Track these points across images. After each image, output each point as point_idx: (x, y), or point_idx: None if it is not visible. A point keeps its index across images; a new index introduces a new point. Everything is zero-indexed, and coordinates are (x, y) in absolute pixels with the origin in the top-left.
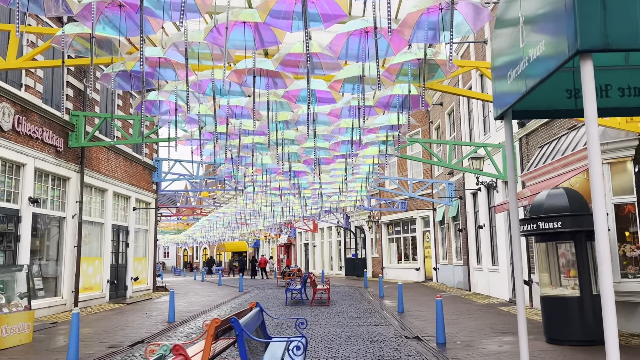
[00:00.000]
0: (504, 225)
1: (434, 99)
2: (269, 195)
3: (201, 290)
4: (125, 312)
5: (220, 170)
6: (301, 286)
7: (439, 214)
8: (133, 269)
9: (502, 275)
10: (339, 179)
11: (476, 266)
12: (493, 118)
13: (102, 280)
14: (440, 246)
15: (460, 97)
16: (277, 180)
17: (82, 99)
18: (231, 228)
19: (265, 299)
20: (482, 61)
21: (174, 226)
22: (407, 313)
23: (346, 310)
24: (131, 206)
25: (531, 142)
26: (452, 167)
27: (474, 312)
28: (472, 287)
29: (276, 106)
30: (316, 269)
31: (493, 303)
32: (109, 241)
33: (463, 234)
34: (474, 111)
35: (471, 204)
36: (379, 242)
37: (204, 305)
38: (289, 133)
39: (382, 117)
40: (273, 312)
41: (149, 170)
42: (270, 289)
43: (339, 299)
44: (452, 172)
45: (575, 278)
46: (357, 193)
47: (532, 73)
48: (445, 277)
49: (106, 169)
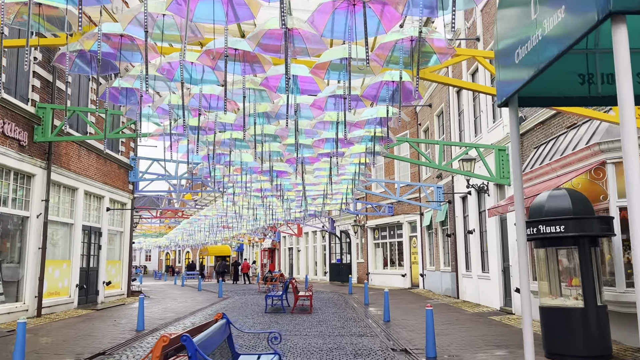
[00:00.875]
0: (495, 230)
1: (422, 100)
2: (250, 198)
3: (179, 296)
4: (93, 319)
5: (198, 170)
6: (282, 293)
7: (427, 218)
8: (106, 272)
9: (492, 283)
10: (323, 179)
11: (465, 273)
12: (497, 106)
13: (71, 285)
14: (428, 252)
15: (451, 97)
16: (259, 181)
17: (50, 90)
18: (213, 231)
19: (244, 305)
20: (478, 50)
21: (156, 229)
22: (393, 322)
23: (329, 318)
24: (105, 206)
25: (526, 143)
26: (443, 168)
27: (464, 321)
28: (461, 294)
29: (254, 96)
30: (300, 274)
31: (483, 312)
32: (79, 243)
33: (452, 239)
34: (465, 112)
35: (460, 208)
36: (364, 247)
37: (178, 312)
38: (270, 128)
39: (370, 110)
40: (250, 321)
41: (124, 169)
42: (252, 295)
43: (322, 306)
44: (440, 176)
45: (578, 287)
46: (343, 196)
47: (546, 48)
48: (432, 283)
49: (77, 166)
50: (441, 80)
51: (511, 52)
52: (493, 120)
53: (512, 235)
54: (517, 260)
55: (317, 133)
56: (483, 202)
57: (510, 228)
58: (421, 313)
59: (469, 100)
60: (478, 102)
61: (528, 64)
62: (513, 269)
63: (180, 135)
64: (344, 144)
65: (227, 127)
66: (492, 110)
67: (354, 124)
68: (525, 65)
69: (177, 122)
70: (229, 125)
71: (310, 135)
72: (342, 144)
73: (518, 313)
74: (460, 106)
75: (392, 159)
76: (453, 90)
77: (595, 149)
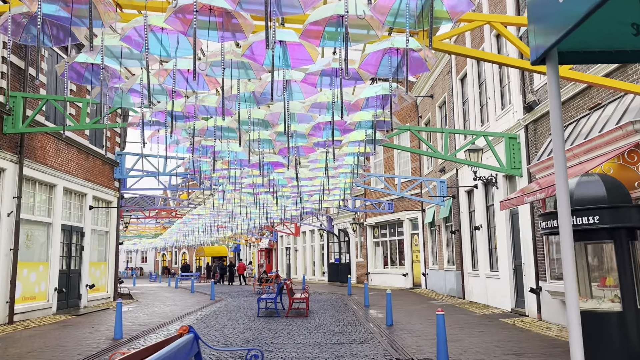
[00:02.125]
0: (505, 226)
1: (423, 90)
2: (241, 194)
3: (170, 299)
4: (70, 325)
5: (185, 164)
6: (275, 295)
7: (429, 215)
8: (89, 275)
9: (502, 282)
10: (319, 173)
11: (471, 272)
12: (531, 64)
13: (49, 289)
14: (430, 250)
15: (454, 85)
16: (250, 176)
17: (22, 78)
18: (209, 231)
19: (236, 308)
20: (498, 14)
21: (150, 230)
22: (397, 326)
23: (327, 322)
24: (87, 205)
25: (540, 129)
26: (448, 158)
27: (474, 325)
28: (467, 294)
29: (238, 72)
30: (298, 275)
31: (493, 314)
32: (57, 244)
33: (456, 236)
34: (470, 101)
35: (466, 203)
36: (363, 246)
37: (165, 317)
38: (259, 112)
39: (370, 88)
40: (241, 326)
41: (109, 166)
42: (246, 297)
43: (319, 308)
44: (444, 169)
45: (613, 288)
46: (341, 191)
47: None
48: (435, 283)
49: (55, 161)
50: (457, 51)
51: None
52: (502, 107)
53: (525, 230)
54: (530, 257)
55: (311, 117)
56: (491, 196)
57: (523, 223)
58: (426, 315)
59: (474, 87)
60: (484, 89)
61: (569, 10)
62: (526, 268)
63: (160, 125)
64: (342, 130)
65: (210, 111)
66: (501, 96)
67: (353, 103)
68: (566, 12)
69: (154, 107)
70: (213, 110)
71: (304, 120)
72: (340, 129)
73: (532, 315)
74: (464, 95)
75: (391, 154)
76: (456, 77)
77: (629, 129)
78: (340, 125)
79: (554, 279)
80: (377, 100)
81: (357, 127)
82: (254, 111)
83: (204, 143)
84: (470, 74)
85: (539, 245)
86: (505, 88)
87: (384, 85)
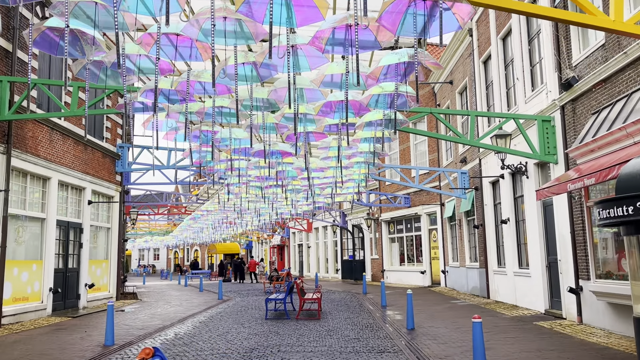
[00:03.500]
0: (537, 219)
1: (441, 76)
2: (248, 187)
3: (176, 298)
4: (62, 329)
5: (187, 154)
6: (285, 295)
7: (449, 209)
8: (89, 274)
9: (534, 281)
10: (332, 163)
11: (497, 269)
12: None
13: (43, 289)
14: (450, 246)
15: (476, 68)
16: (257, 167)
17: (10, 62)
18: (220, 228)
19: (244, 309)
20: None
21: (161, 227)
22: (419, 330)
23: (340, 326)
24: (86, 199)
25: (580, 109)
26: (475, 144)
27: (506, 329)
28: (492, 293)
29: (235, 35)
30: (311, 272)
31: (524, 315)
32: (52, 241)
33: (480, 231)
34: (494, 84)
35: (490, 195)
36: (378, 242)
37: (166, 319)
38: (261, 91)
39: (389, 56)
40: (246, 330)
41: (110, 158)
42: (255, 296)
43: (332, 309)
44: (465, 160)
45: None
46: (355, 183)
47: None
48: (456, 281)
49: (48, 152)
50: (499, 4)
51: None
52: (532, 88)
53: (561, 223)
54: (568, 253)
55: (321, 94)
56: (519, 187)
57: (559, 215)
58: (450, 317)
59: (500, 69)
60: (511, 70)
61: None
62: (562, 265)
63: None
64: (357, 111)
65: (208, 89)
66: (531, 77)
67: (369, 74)
68: None
69: (144, 86)
70: (209, 86)
71: (313, 98)
72: (354, 111)
73: (570, 318)
74: (488, 78)
75: (407, 145)
76: (479, 60)
77: None
78: (355, 107)
79: (601, 278)
80: (399, 70)
81: (373, 103)
82: (256, 90)
83: (205, 128)
84: (495, 55)
85: (579, 239)
86: (536, 67)
87: (408, 52)
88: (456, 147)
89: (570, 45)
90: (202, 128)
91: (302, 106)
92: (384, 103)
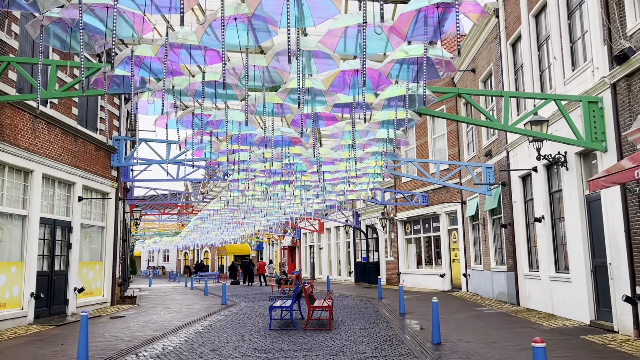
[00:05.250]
0: (580, 216)
1: (462, 64)
2: (255, 184)
3: (177, 303)
4: (39, 340)
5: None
6: (291, 303)
7: (471, 207)
8: (79, 276)
9: (576, 287)
10: (344, 154)
11: (528, 273)
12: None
13: (23, 294)
14: (472, 247)
15: (503, 52)
16: (261, 160)
17: None
18: (228, 229)
19: (247, 316)
20: None
21: (169, 228)
22: (446, 345)
23: (355, 339)
24: (76, 195)
25: (637, 86)
26: (510, 129)
27: (550, 345)
28: (522, 300)
29: None
30: (322, 275)
31: (566, 327)
32: (35, 240)
33: (507, 230)
34: (525, 67)
35: (520, 190)
36: (394, 244)
37: (159, 328)
38: (259, 59)
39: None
40: (245, 344)
41: (105, 152)
42: (262, 301)
43: (345, 317)
44: (490, 153)
45: None
46: (369, 179)
47: None
48: (479, 285)
49: (30, 142)
50: None
51: None
52: (572, 67)
53: (612, 220)
54: (622, 256)
55: (333, 61)
56: (556, 180)
57: (609, 211)
58: (480, 328)
59: (532, 50)
60: (546, 50)
61: None
62: (614, 269)
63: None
64: (375, 82)
65: (196, 57)
66: (571, 55)
67: (392, 27)
68: None
69: (120, 54)
70: (200, 55)
71: (323, 68)
72: (372, 81)
73: (625, 331)
74: (517, 62)
75: (425, 140)
76: (507, 42)
77: None
78: (373, 79)
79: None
80: (432, 20)
81: (395, 73)
82: (253, 57)
83: (200, 112)
84: (526, 34)
85: (637, 239)
86: (577, 44)
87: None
88: (479, 141)
89: (624, 11)
90: (197, 112)
91: (310, 81)
92: (408, 73)
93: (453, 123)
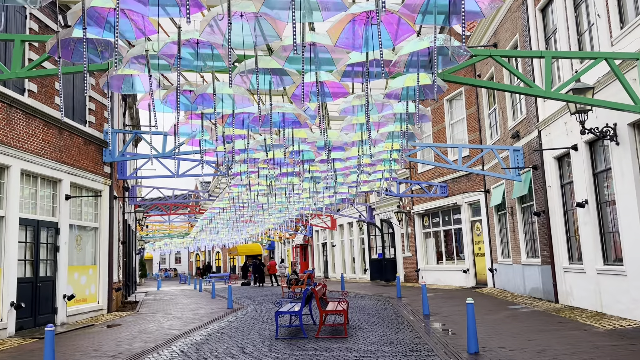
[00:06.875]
0: (635, 198)
1: (482, 40)
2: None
3: (180, 308)
4: (11, 358)
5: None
6: (300, 308)
7: (496, 196)
8: (68, 282)
9: (632, 281)
10: (355, 136)
11: (568, 266)
12: None
13: (3, 303)
14: (499, 239)
15: (531, 19)
16: (262, 147)
17: None
18: (237, 228)
19: (254, 322)
20: None
21: (178, 229)
22: (486, 355)
23: (375, 349)
24: (63, 194)
25: None
26: (553, 95)
27: (612, 352)
28: (561, 297)
29: None
30: (336, 273)
31: (624, 329)
32: (14, 244)
33: (541, 219)
34: (560, 32)
35: (555, 173)
36: (411, 238)
37: (151, 340)
38: (248, 4)
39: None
40: (248, 358)
41: (96, 146)
42: (271, 303)
43: (362, 321)
44: (517, 135)
45: None
46: (383, 167)
47: None
48: (507, 281)
49: (5, 134)
50: None
51: None
52: (620, 24)
53: None
54: None
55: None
56: (602, 158)
57: None
58: (520, 331)
59: (568, 12)
60: (584, 10)
61: None
62: None
63: None
64: (394, 31)
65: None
66: (619, 9)
67: None
68: None
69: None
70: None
71: (329, 11)
72: (389, 29)
73: None
74: (548, 29)
75: (442, 126)
76: (535, 8)
77: None
78: (390, 28)
79: None
80: None
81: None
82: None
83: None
84: None
85: None
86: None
87: None
88: (504, 122)
89: None
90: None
91: (310, 35)
92: (437, 19)
93: (473, 106)
